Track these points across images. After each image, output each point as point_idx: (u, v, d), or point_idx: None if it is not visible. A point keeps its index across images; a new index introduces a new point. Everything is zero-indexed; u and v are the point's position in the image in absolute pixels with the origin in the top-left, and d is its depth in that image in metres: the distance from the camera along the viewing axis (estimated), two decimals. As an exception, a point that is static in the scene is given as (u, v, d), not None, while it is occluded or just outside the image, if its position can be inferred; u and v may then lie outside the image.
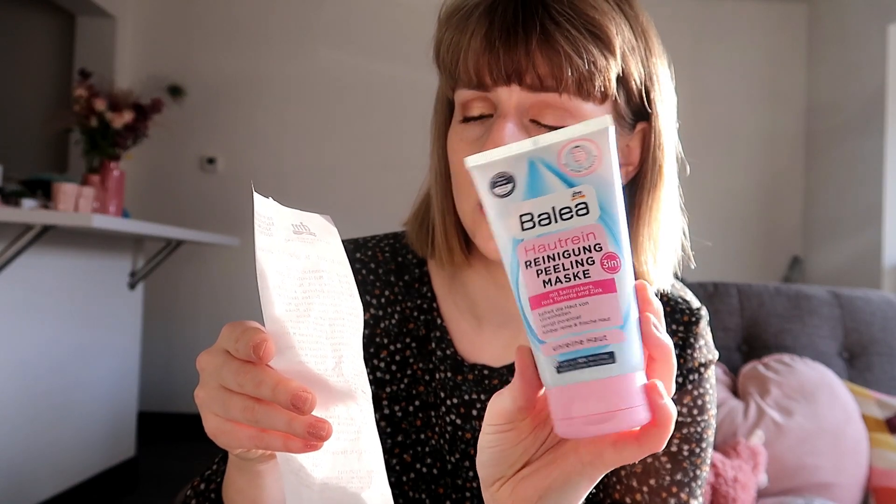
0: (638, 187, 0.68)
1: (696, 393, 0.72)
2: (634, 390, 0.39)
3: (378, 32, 4.13)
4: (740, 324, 1.89)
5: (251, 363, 0.43)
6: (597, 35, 0.60)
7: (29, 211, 2.19)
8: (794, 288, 1.95)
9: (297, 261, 0.44)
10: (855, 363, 1.86)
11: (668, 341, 0.41)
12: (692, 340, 0.72)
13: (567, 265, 0.39)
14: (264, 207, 0.44)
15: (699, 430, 0.71)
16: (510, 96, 0.61)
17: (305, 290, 0.44)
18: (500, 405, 0.44)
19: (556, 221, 0.39)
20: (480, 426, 0.72)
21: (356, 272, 0.73)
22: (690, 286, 2.02)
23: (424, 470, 0.72)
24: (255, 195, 0.44)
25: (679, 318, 0.73)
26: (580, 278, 0.39)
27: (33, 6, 4.10)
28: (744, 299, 1.91)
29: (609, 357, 0.39)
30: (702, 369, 0.73)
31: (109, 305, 2.99)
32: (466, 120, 0.65)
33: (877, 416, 1.70)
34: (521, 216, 0.40)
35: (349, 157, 4.11)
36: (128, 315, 3.13)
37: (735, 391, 1.78)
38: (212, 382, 0.44)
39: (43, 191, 2.53)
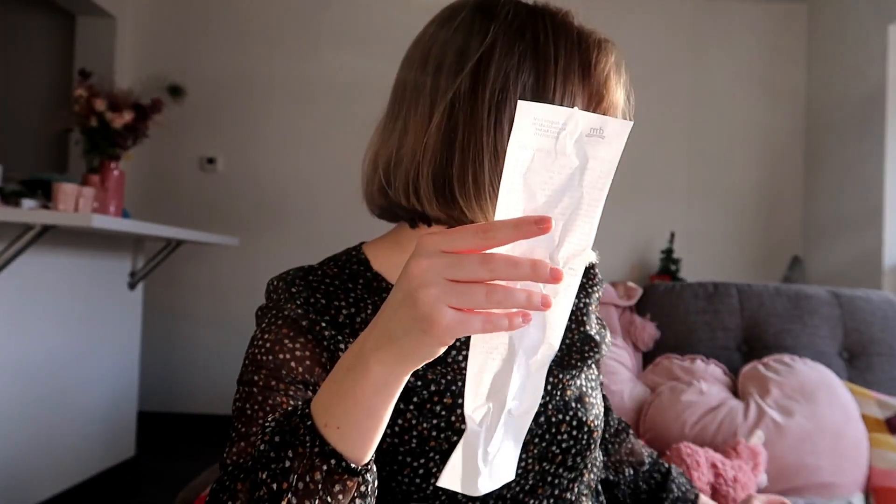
0: None
1: None
2: None
3: (379, 33, 4.13)
4: (740, 324, 1.89)
5: (481, 253, 0.46)
6: None
7: (29, 211, 2.19)
8: (794, 288, 1.95)
9: (566, 159, 0.46)
10: (855, 363, 1.86)
11: None
12: None
13: None
14: (557, 114, 0.45)
15: None
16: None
17: (555, 188, 0.47)
18: None
19: None
20: None
21: (315, 290, 0.74)
22: (691, 286, 2.01)
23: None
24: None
25: None
26: None
27: (33, 6, 4.10)
28: (744, 299, 1.91)
29: None
30: None
31: (109, 305, 2.99)
32: None
33: (877, 416, 1.70)
34: None
35: (349, 157, 4.09)
36: (128, 315, 3.13)
37: (735, 391, 1.78)
38: (440, 280, 0.46)
39: (43, 191, 2.53)
